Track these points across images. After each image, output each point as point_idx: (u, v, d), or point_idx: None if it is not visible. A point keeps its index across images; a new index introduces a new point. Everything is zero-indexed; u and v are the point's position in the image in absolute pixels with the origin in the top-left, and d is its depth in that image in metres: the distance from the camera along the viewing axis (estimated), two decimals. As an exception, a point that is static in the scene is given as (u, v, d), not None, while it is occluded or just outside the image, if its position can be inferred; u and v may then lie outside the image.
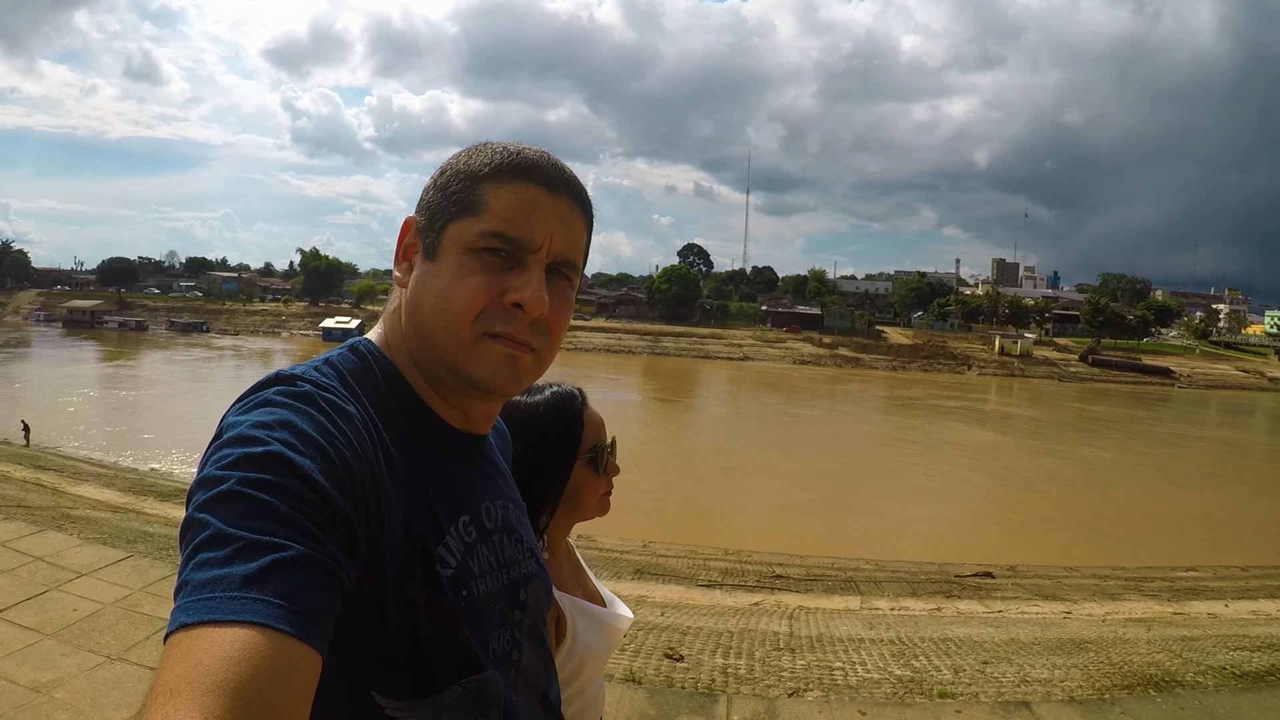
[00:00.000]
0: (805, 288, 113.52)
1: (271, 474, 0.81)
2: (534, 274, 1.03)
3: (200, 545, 0.76)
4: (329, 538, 0.81)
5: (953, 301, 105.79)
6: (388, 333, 1.10)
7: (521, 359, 1.04)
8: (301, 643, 0.72)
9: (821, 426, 40.50)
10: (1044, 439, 38.01)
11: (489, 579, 1.08)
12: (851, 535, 18.05)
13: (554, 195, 1.05)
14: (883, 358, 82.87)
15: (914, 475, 26.35)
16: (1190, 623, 8.93)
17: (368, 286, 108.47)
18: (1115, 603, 11.30)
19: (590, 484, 1.75)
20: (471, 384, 1.05)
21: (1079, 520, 21.08)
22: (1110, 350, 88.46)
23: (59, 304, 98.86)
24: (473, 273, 1.01)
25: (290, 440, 0.84)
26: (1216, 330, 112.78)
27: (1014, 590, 12.47)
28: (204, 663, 0.67)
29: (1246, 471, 32.31)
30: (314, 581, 0.77)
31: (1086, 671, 5.63)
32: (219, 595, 0.72)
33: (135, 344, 71.61)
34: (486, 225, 1.02)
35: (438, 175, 1.08)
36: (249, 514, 0.77)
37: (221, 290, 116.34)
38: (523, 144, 1.09)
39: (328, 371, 1.00)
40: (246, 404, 0.92)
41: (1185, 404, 62.22)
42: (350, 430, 0.91)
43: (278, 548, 0.75)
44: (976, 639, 6.98)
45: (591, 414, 1.77)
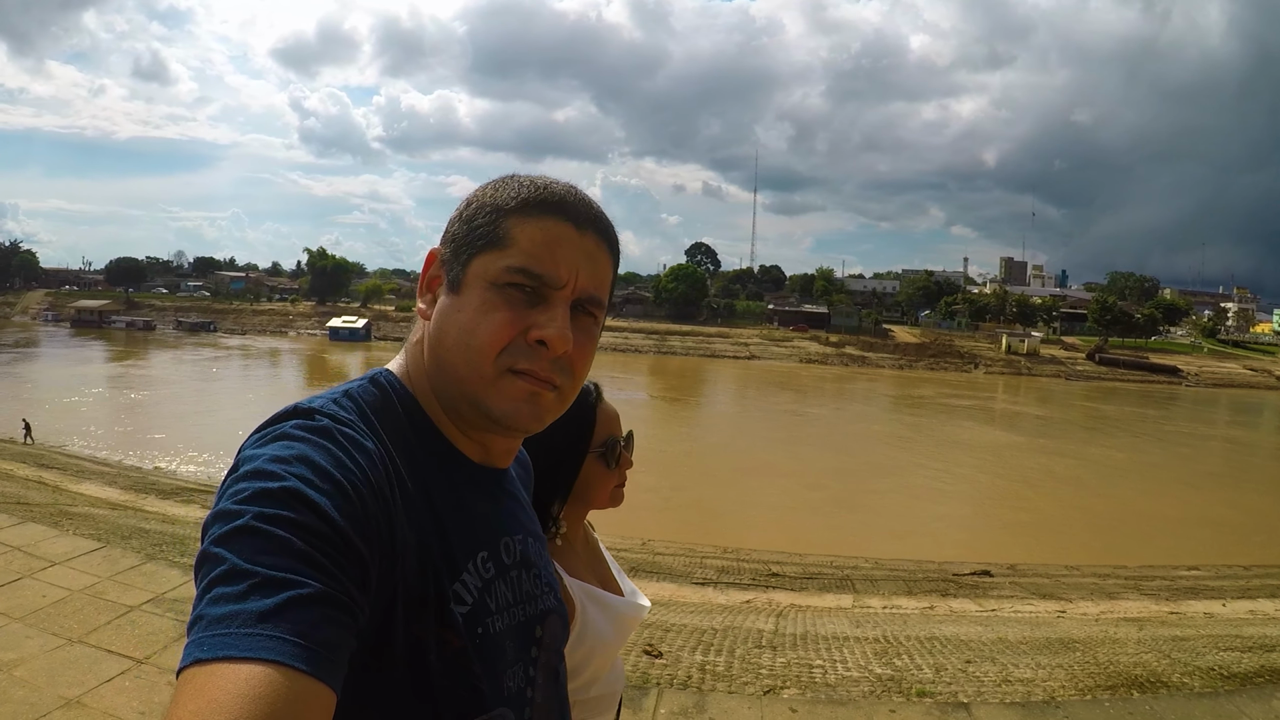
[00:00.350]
0: (812, 287, 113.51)
1: (288, 510, 0.80)
2: (559, 311, 1.02)
3: (216, 580, 0.76)
4: (344, 574, 0.81)
5: (960, 300, 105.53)
6: (409, 365, 1.10)
7: (544, 396, 1.03)
8: (317, 680, 0.72)
9: (828, 425, 40.40)
10: (1052, 438, 37.95)
11: (505, 615, 1.08)
12: (857, 534, 18.03)
13: (580, 231, 1.05)
14: (889, 356, 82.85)
15: (921, 474, 26.30)
16: (1185, 622, 8.88)
17: (374, 286, 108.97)
18: (1112, 602, 11.25)
19: (601, 477, 1.75)
20: (493, 419, 1.04)
21: (1085, 519, 21.06)
22: (1118, 349, 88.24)
23: (67, 304, 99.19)
24: (497, 308, 1.01)
25: (307, 475, 0.84)
26: (1224, 329, 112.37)
27: (1011, 589, 12.44)
28: (218, 700, 0.66)
29: (1255, 470, 32.22)
30: (329, 618, 0.77)
31: (1071, 671, 5.61)
32: (234, 631, 0.71)
33: (143, 344, 71.78)
34: (512, 260, 1.01)
35: (463, 207, 1.08)
36: (265, 549, 0.77)
37: (229, 290, 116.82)
38: (550, 178, 1.08)
39: (346, 404, 0.99)
40: (264, 437, 0.92)
41: (1193, 403, 62.06)
42: (367, 465, 0.91)
43: (294, 584, 0.75)
44: (964, 638, 6.95)
45: (606, 408, 1.78)
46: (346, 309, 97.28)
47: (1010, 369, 78.50)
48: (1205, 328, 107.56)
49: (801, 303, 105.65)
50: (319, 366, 60.48)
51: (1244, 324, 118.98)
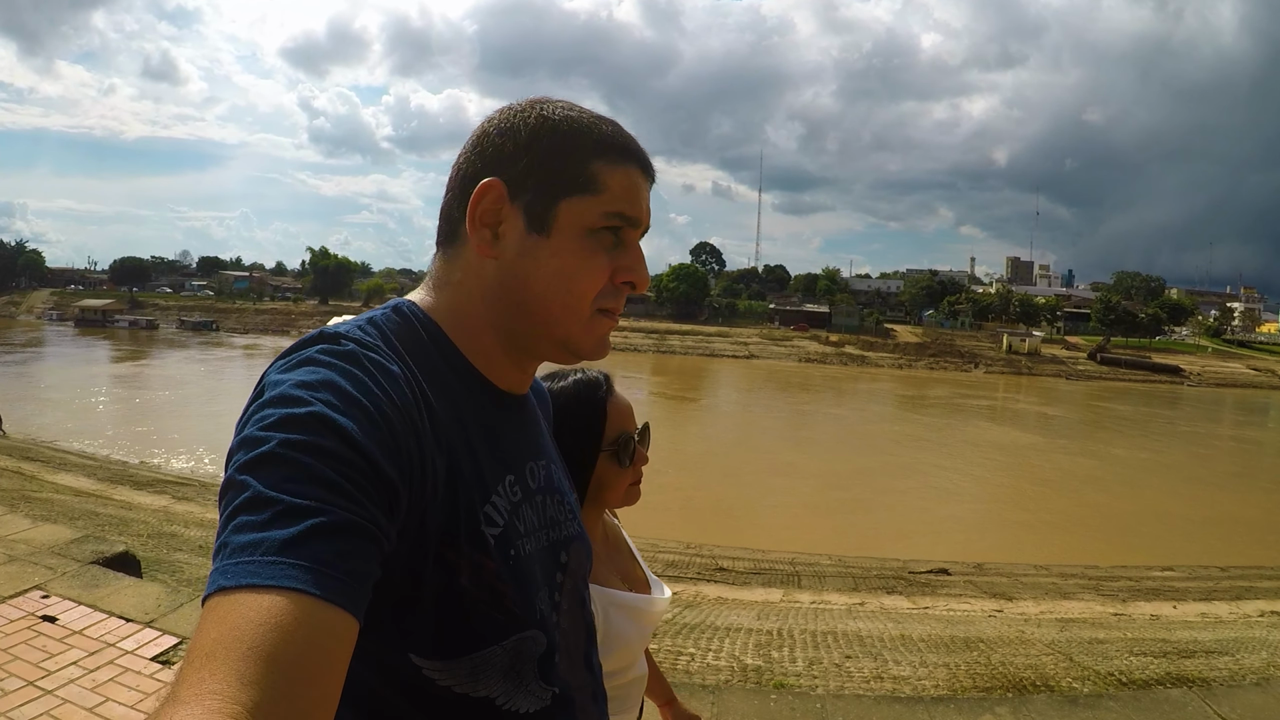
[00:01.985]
0: (816, 286, 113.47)
1: (314, 435, 0.79)
2: (638, 253, 1.08)
3: (240, 507, 0.75)
4: (370, 501, 0.80)
5: (963, 300, 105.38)
6: (442, 300, 1.08)
7: (614, 327, 1.10)
8: (339, 609, 0.72)
9: (845, 425, 40.21)
10: (1070, 438, 37.51)
11: (533, 539, 1.08)
12: (862, 534, 17.62)
13: (646, 176, 1.09)
14: (889, 355, 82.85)
15: (938, 475, 25.72)
16: (1122, 624, 8.77)
17: (376, 285, 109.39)
18: (1058, 602, 11.15)
19: (614, 476, 1.67)
20: (577, 355, 1.09)
21: (1101, 520, 20.55)
22: (1120, 348, 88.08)
23: (71, 303, 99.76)
24: (595, 253, 1.03)
25: (333, 400, 0.83)
26: (1230, 328, 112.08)
27: (963, 588, 12.33)
28: (241, 628, 0.66)
29: (1260, 470, 31.94)
30: (354, 547, 0.76)
31: (952, 671, 5.54)
32: (257, 559, 0.71)
33: (150, 343, 72.19)
34: (609, 206, 1.03)
35: (525, 141, 1.04)
36: (290, 477, 0.76)
37: (232, 289, 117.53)
38: (600, 115, 1.09)
39: (371, 330, 0.98)
40: (289, 362, 0.90)
41: (1202, 403, 61.56)
42: (394, 390, 0.89)
43: (318, 512, 0.75)
44: (865, 633, 6.89)
45: (618, 402, 1.69)
46: (348, 308, 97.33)
47: (1011, 368, 78.32)
48: (1210, 328, 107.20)
49: (804, 302, 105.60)
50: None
51: (1250, 324, 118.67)
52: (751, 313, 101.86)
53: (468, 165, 1.06)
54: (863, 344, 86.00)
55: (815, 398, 52.78)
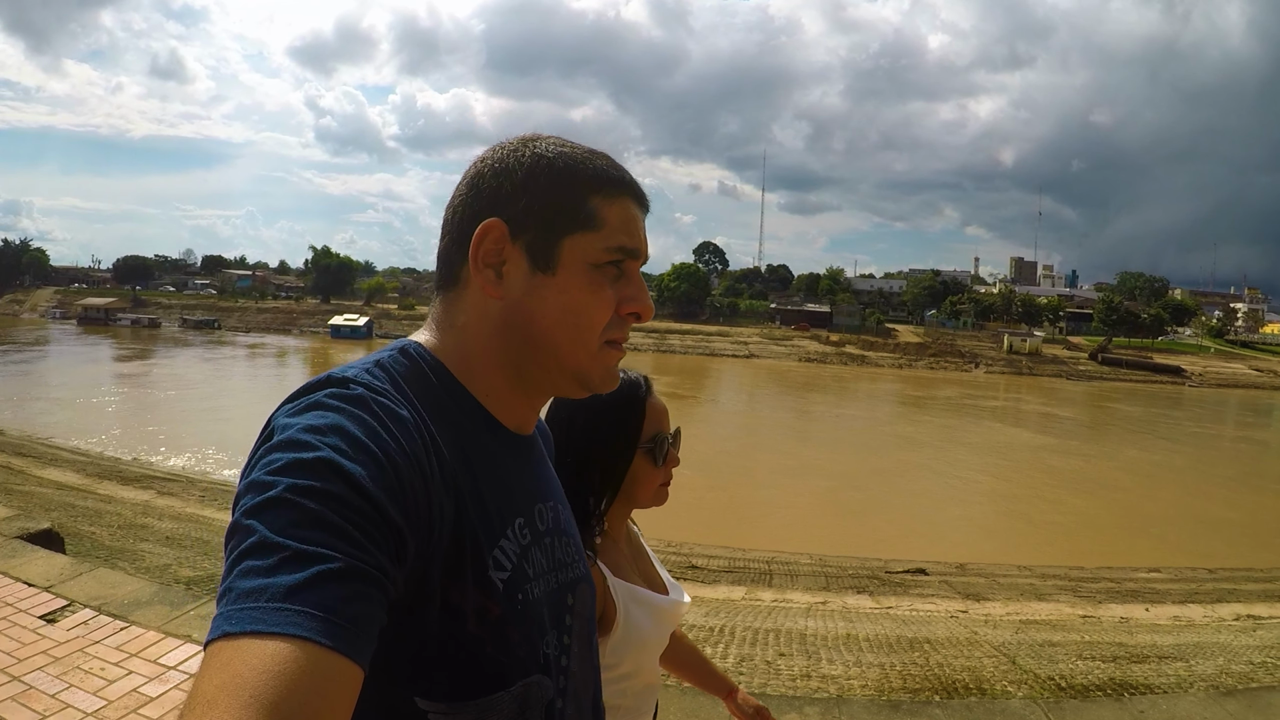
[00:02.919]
0: (818, 286, 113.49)
1: (321, 481, 0.79)
2: (640, 282, 1.09)
3: (245, 552, 0.75)
4: (377, 547, 0.79)
5: (965, 300, 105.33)
6: (447, 342, 1.08)
7: (621, 357, 1.12)
8: (343, 657, 0.71)
9: (831, 424, 40.16)
10: (1083, 439, 37.23)
11: (542, 582, 1.08)
12: (853, 534, 17.61)
13: (640, 206, 1.11)
14: (889, 355, 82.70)
15: (931, 475, 25.66)
16: (1085, 627, 8.68)
17: (378, 284, 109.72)
18: (1029, 603, 11.06)
19: (647, 474, 1.71)
20: (589, 388, 1.10)
21: (1113, 521, 20.46)
22: (1122, 349, 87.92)
23: (75, 302, 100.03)
24: (601, 287, 1.05)
25: (341, 446, 0.83)
26: (1234, 329, 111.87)
27: (936, 588, 12.27)
28: (244, 675, 0.66)
29: (1271, 472, 31.81)
30: (359, 593, 0.76)
31: (885, 671, 5.51)
32: (262, 605, 0.71)
33: (154, 341, 72.47)
34: (610, 241, 1.05)
35: (521, 180, 1.05)
36: (297, 522, 0.76)
37: (235, 288, 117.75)
38: (593, 149, 1.11)
39: (379, 374, 0.98)
40: (297, 406, 0.90)
41: (1197, 403, 61.31)
42: (403, 435, 0.90)
43: (324, 558, 0.74)
44: (811, 632, 6.85)
45: (655, 403, 1.74)
46: (350, 307, 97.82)
47: (1011, 369, 78.12)
48: (1212, 328, 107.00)
49: (806, 302, 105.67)
50: (325, 362, 60.74)
51: (1254, 324, 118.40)
52: (753, 312, 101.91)
53: (465, 207, 1.07)
54: (863, 344, 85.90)
55: (818, 397, 52.78)
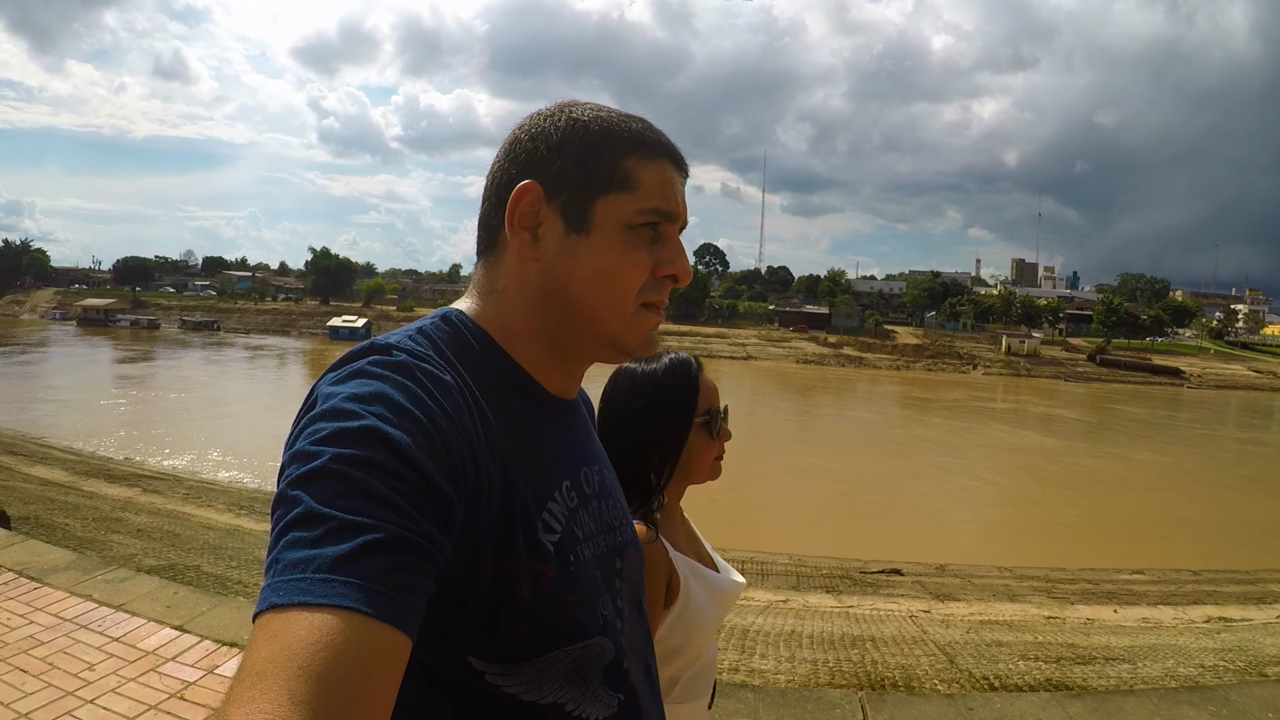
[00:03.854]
0: (818, 288, 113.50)
1: (367, 450, 0.79)
2: (679, 245, 1.09)
3: (292, 523, 0.75)
4: (424, 516, 0.79)
5: (964, 301, 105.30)
6: (488, 308, 1.08)
7: (660, 322, 1.11)
8: (391, 627, 0.72)
9: (835, 425, 40.08)
10: (1094, 441, 37.15)
11: (591, 544, 1.08)
12: (854, 535, 17.50)
13: (678, 169, 1.10)
14: (886, 357, 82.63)
15: (937, 478, 25.60)
16: (1044, 628, 8.63)
17: (376, 286, 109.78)
18: (996, 603, 11.01)
19: (704, 447, 1.76)
20: (625, 352, 1.10)
21: (1123, 521, 20.39)
22: (1122, 350, 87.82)
23: (75, 303, 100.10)
24: (635, 249, 1.04)
25: (386, 413, 0.83)
26: (1234, 330, 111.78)
27: (907, 588, 12.24)
28: (292, 646, 0.67)
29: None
30: (406, 563, 0.76)
31: (815, 667, 5.54)
32: (310, 576, 0.71)
33: (152, 341, 72.32)
34: (644, 203, 1.04)
35: (556, 143, 1.05)
36: (343, 492, 0.76)
37: (235, 289, 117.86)
38: (628, 113, 1.10)
39: (422, 340, 0.98)
40: (340, 374, 0.90)
41: (1197, 405, 61.12)
42: (448, 401, 0.89)
43: (371, 528, 0.74)
44: (756, 628, 6.86)
45: (706, 380, 1.79)
46: (349, 308, 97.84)
47: (1009, 370, 78.02)
48: (1212, 330, 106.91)
49: (806, 303, 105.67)
50: (325, 364, 60.88)
51: (1254, 326, 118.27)
52: (752, 314, 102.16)
53: (502, 173, 1.07)
54: (861, 345, 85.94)
55: (818, 399, 52.70)
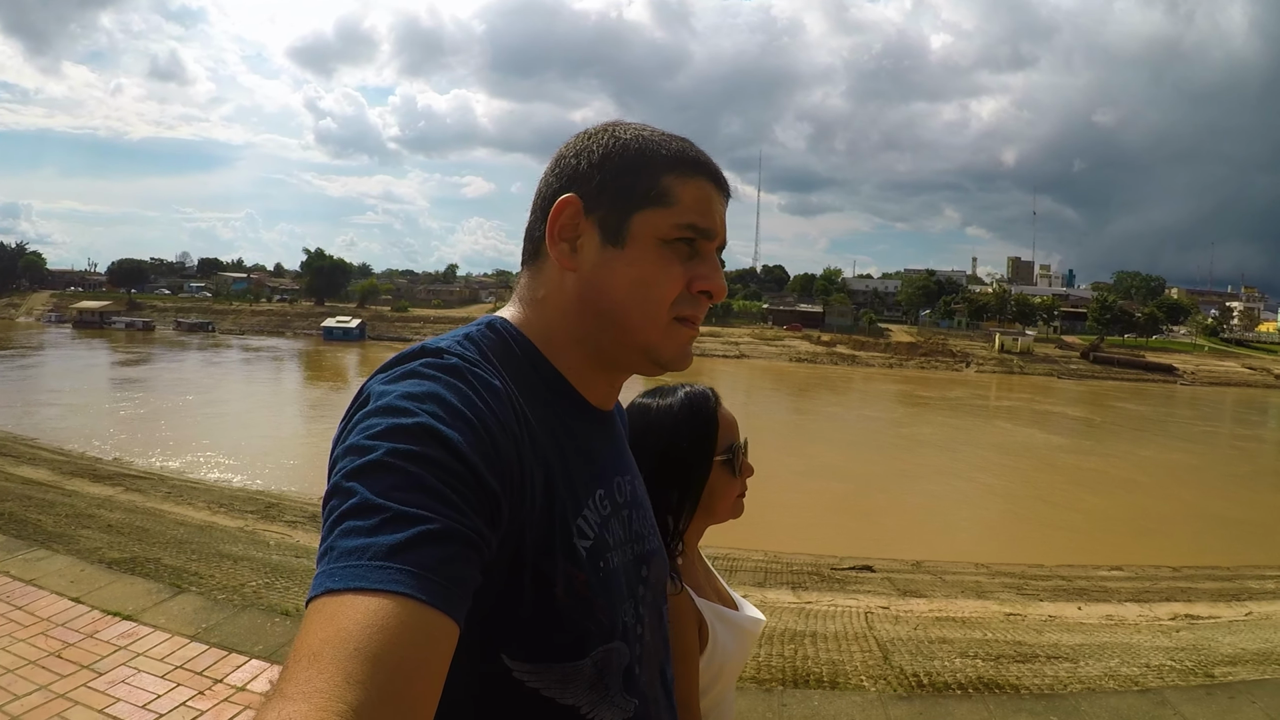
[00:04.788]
0: (813, 286, 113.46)
1: (420, 445, 0.82)
2: (715, 262, 1.11)
3: (347, 513, 0.78)
4: (474, 510, 0.82)
5: (959, 299, 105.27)
6: (531, 316, 1.12)
7: (695, 337, 1.13)
8: (442, 613, 0.74)
9: (820, 422, 40.05)
10: (1097, 439, 36.91)
11: (620, 552, 1.10)
12: (851, 534, 17.36)
13: (719, 189, 1.12)
14: (880, 355, 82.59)
15: (939, 477, 25.47)
16: (998, 625, 8.55)
17: (370, 286, 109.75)
18: (959, 600, 10.96)
19: (726, 485, 1.70)
20: (660, 364, 1.11)
21: (1127, 520, 20.19)
22: (1116, 348, 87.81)
23: (70, 305, 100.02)
24: (671, 262, 1.07)
25: (439, 412, 0.86)
26: (1229, 328, 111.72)
27: (875, 584, 12.16)
28: (348, 629, 0.69)
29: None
30: (457, 554, 0.79)
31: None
32: (365, 564, 0.73)
33: (150, 343, 72.20)
34: (680, 219, 1.07)
35: (598, 159, 1.09)
36: (397, 485, 0.79)
37: (231, 290, 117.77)
38: (671, 133, 1.14)
39: (470, 346, 1.02)
40: (393, 374, 0.93)
41: (1191, 402, 61.02)
42: (496, 404, 0.93)
43: (424, 520, 0.77)
44: (698, 625, 6.85)
45: (725, 414, 1.73)
46: (344, 309, 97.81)
47: (1002, 368, 77.87)
48: (1207, 327, 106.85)
49: (800, 302, 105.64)
50: (321, 364, 60.96)
51: (1250, 323, 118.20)
52: (746, 313, 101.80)
53: (546, 187, 1.11)
54: (854, 343, 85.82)
55: (813, 397, 52.79)
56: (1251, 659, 6.66)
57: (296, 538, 10.12)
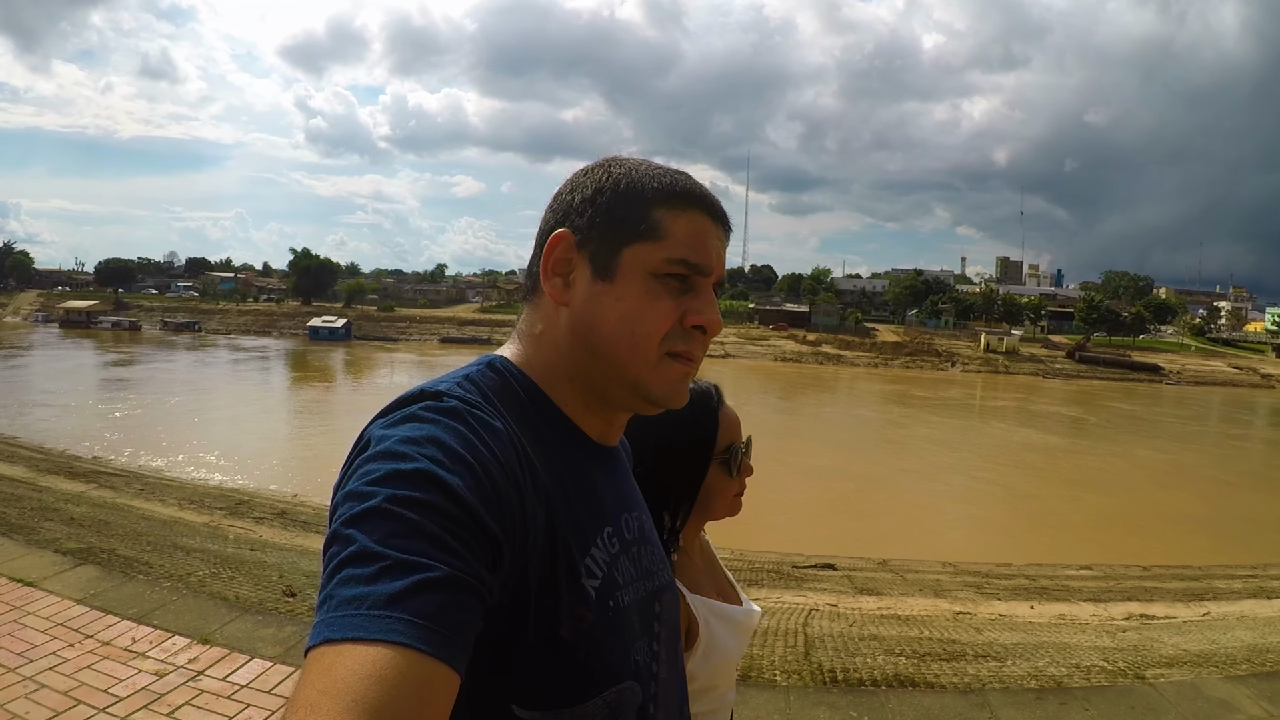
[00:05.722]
0: (800, 286, 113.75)
1: (420, 491, 0.81)
2: (709, 297, 1.08)
3: (346, 561, 0.77)
4: (475, 557, 0.81)
5: (946, 299, 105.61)
6: (529, 353, 1.11)
7: (691, 373, 1.10)
8: (442, 663, 0.73)
9: (811, 422, 40.12)
10: (1095, 439, 36.98)
11: (631, 590, 1.09)
12: (842, 533, 17.42)
13: (716, 223, 1.10)
14: (865, 354, 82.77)
15: (935, 476, 25.41)
16: (940, 623, 8.46)
17: (357, 286, 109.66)
18: (910, 598, 10.91)
19: (722, 485, 1.71)
20: (651, 400, 1.09)
21: (1128, 519, 20.31)
22: (1102, 347, 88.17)
23: (57, 304, 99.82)
24: (660, 297, 1.05)
25: (439, 457, 0.85)
26: (1216, 328, 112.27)
27: (833, 582, 12.12)
28: (345, 680, 0.68)
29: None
30: (458, 602, 0.78)
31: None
32: (364, 613, 0.73)
33: (138, 343, 72.09)
34: (671, 253, 1.05)
35: (590, 193, 1.09)
36: (397, 532, 0.78)
37: (218, 290, 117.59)
38: (670, 167, 1.12)
39: (470, 387, 1.00)
40: (392, 419, 0.92)
41: (1179, 401, 61.18)
42: (498, 446, 0.92)
43: (424, 567, 0.76)
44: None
45: (727, 413, 1.74)
46: (331, 309, 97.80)
47: (987, 367, 78.16)
48: (1194, 326, 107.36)
49: (787, 302, 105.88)
50: (307, 364, 61.03)
51: (1237, 323, 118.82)
52: (733, 312, 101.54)
53: (544, 223, 1.11)
54: (839, 343, 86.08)
55: (802, 397, 52.91)
56: (1191, 660, 6.65)
57: (259, 533, 10.21)
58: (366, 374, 56.82)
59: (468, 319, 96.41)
